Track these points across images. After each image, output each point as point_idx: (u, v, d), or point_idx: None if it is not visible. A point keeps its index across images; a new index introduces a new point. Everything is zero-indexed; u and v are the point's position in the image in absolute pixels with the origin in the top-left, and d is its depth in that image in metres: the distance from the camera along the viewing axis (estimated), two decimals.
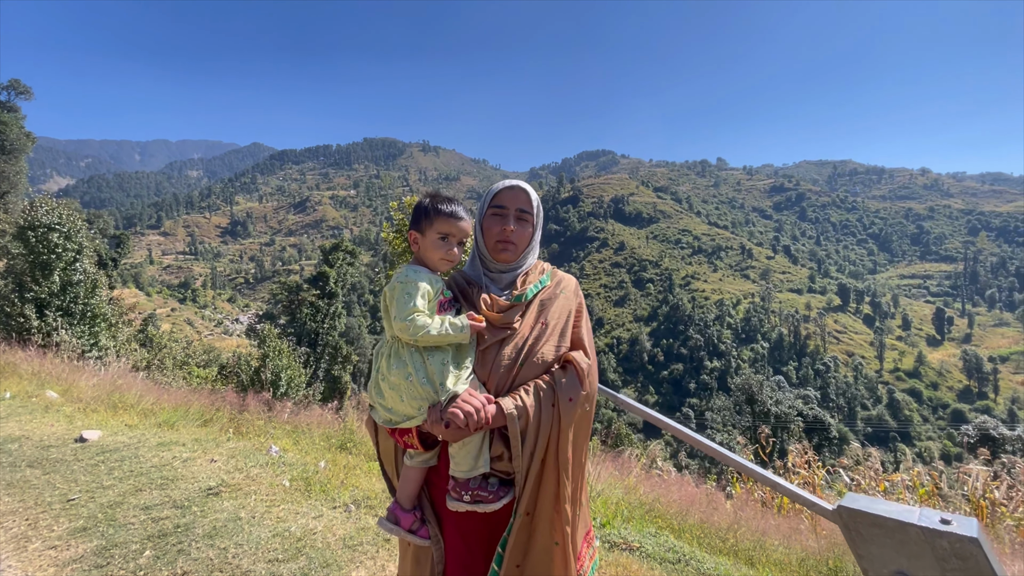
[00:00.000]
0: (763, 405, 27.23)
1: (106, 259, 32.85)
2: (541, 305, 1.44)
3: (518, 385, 1.32)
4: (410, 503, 1.40)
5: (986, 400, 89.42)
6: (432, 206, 1.40)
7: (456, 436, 1.23)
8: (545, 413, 1.28)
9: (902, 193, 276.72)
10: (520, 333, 1.38)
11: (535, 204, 1.47)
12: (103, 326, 13.29)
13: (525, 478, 1.27)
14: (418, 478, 1.39)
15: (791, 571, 3.40)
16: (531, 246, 1.49)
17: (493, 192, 1.47)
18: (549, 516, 1.30)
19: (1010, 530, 4.41)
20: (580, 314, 1.48)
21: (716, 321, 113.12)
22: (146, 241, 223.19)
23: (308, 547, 2.81)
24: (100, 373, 8.56)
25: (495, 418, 1.25)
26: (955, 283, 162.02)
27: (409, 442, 1.34)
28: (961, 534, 0.96)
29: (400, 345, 1.33)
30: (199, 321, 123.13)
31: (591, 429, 1.43)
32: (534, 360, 1.34)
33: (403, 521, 1.38)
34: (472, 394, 1.25)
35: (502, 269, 1.47)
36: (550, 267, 1.56)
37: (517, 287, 1.44)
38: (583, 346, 1.42)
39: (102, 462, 4.06)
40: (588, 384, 1.36)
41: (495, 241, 1.43)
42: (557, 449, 1.29)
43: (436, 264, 1.42)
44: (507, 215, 1.43)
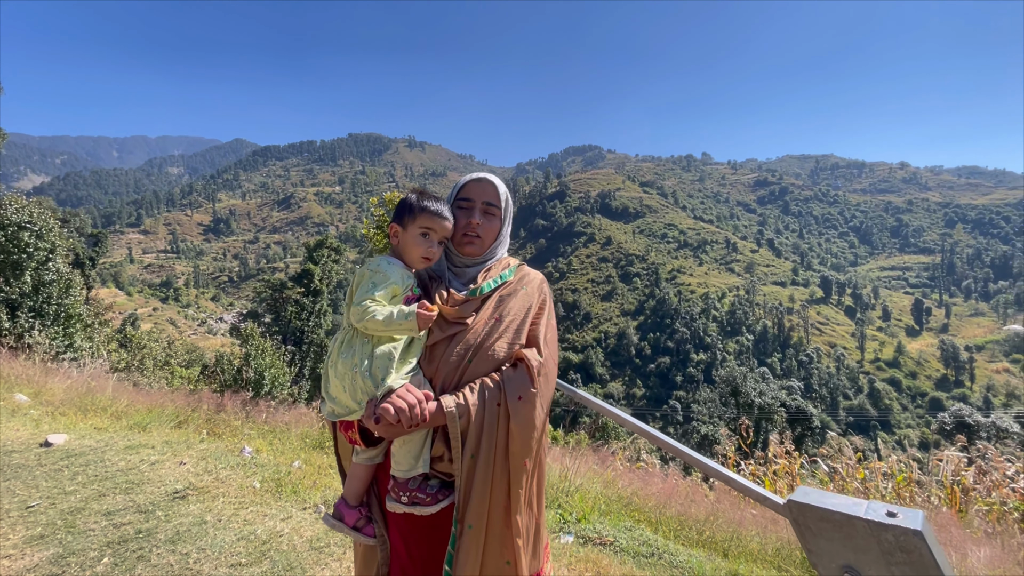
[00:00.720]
0: (747, 397, 27.58)
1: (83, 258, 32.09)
2: (499, 300, 1.38)
3: (466, 382, 1.26)
4: (356, 500, 1.36)
5: (963, 388, 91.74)
6: (418, 202, 1.37)
7: (389, 432, 1.17)
8: (489, 413, 1.21)
9: (882, 187, 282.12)
10: (473, 328, 1.32)
11: (503, 197, 1.42)
12: (78, 327, 12.97)
13: (466, 482, 1.19)
14: (364, 475, 1.35)
15: (766, 561, 3.42)
16: (499, 240, 1.45)
17: (460, 185, 1.42)
18: (499, 530, 1.20)
19: (982, 515, 4.51)
20: (541, 311, 1.41)
21: (702, 314, 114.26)
22: (126, 240, 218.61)
23: (273, 550, 2.75)
24: (74, 375, 8.34)
25: (434, 416, 1.18)
26: (933, 274, 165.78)
27: (352, 437, 1.30)
28: (906, 527, 0.94)
29: (354, 334, 1.29)
30: (182, 320, 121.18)
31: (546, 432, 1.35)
32: (484, 356, 1.28)
33: (347, 518, 1.34)
34: (410, 390, 1.19)
35: (467, 263, 1.43)
36: (516, 262, 1.51)
37: (477, 281, 1.39)
38: (538, 344, 1.34)
39: (66, 467, 3.94)
40: (539, 383, 1.26)
41: (461, 234, 1.39)
42: (507, 452, 1.21)
43: (414, 260, 1.38)
44: (473, 208, 1.39)
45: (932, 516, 4.18)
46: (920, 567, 0.94)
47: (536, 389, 1.25)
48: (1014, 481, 4.82)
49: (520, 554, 1.22)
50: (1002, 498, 4.66)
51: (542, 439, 1.33)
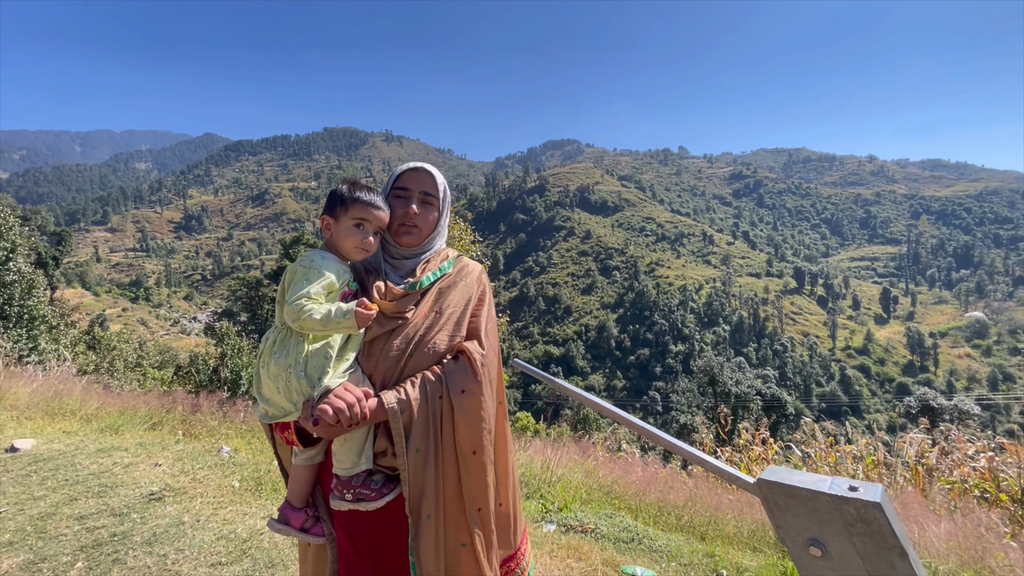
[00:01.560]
0: (724, 386, 28.22)
1: (46, 258, 30.92)
2: (439, 293, 1.36)
3: (407, 376, 1.25)
4: (301, 501, 1.33)
5: (927, 373, 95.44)
6: (350, 192, 1.32)
7: (328, 433, 1.14)
8: (432, 407, 1.21)
9: (851, 179, 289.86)
10: (412, 322, 1.30)
11: (441, 188, 1.40)
12: (43, 329, 12.52)
13: (413, 475, 1.20)
14: (307, 476, 1.32)
15: (741, 543, 3.53)
16: (437, 231, 1.42)
17: (396, 174, 1.38)
18: (455, 516, 1.23)
19: (944, 493, 4.73)
20: (482, 302, 1.40)
21: (680, 306, 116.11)
22: (91, 238, 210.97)
23: (254, 548, 2.73)
24: (39, 378, 8.06)
25: (375, 413, 1.17)
26: (900, 264, 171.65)
27: (290, 438, 1.26)
28: (865, 499, 0.99)
29: (288, 333, 1.24)
30: (153, 321, 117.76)
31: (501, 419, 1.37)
32: (425, 351, 1.27)
33: (293, 520, 1.31)
34: (348, 388, 1.17)
35: (404, 255, 1.39)
36: (455, 253, 1.48)
37: (415, 275, 1.36)
38: (479, 336, 1.34)
39: (34, 472, 3.82)
40: (482, 374, 1.27)
41: (397, 224, 1.35)
42: (454, 444, 1.23)
43: (349, 252, 1.32)
44: (410, 198, 1.35)
45: (897, 495, 4.37)
46: (879, 536, 0.99)
47: (480, 381, 1.26)
48: (974, 460, 5.05)
49: (475, 536, 1.25)
50: (963, 476, 4.90)
51: (499, 427, 1.35)
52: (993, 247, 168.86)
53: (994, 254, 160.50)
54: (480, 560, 1.25)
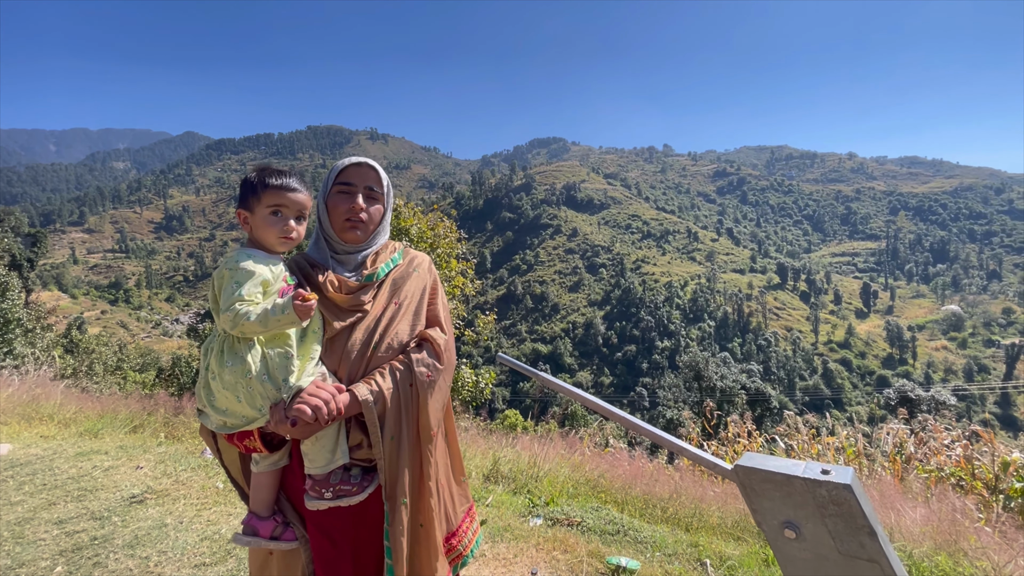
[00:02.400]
0: (709, 381, 28.54)
1: (20, 259, 30.13)
2: (394, 284, 1.38)
3: (373, 369, 1.26)
4: (268, 509, 1.27)
5: (906, 366, 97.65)
6: (259, 179, 1.23)
7: (306, 433, 1.14)
8: (404, 394, 1.23)
9: (832, 176, 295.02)
10: (372, 314, 1.31)
11: (385, 183, 1.39)
12: (18, 332, 12.21)
13: (390, 463, 1.21)
14: (271, 482, 1.27)
15: (725, 533, 3.59)
16: (382, 226, 1.41)
17: (338, 168, 1.36)
18: (415, 498, 1.26)
19: (921, 481, 4.86)
20: (435, 291, 1.43)
21: (666, 303, 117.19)
22: (68, 239, 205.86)
23: (239, 548, 2.70)
24: (15, 383, 7.86)
25: (349, 407, 1.17)
26: (879, 259, 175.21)
27: (251, 446, 1.21)
28: (837, 482, 1.03)
29: (234, 339, 1.18)
30: (134, 323, 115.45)
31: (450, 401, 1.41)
32: (389, 342, 1.29)
33: (262, 530, 1.25)
34: (319, 385, 1.16)
35: (350, 250, 1.37)
36: (401, 246, 1.49)
37: (367, 267, 1.36)
38: (439, 322, 1.38)
39: (11, 477, 3.74)
40: (445, 359, 1.32)
41: (343, 219, 1.32)
42: (418, 427, 1.26)
43: (273, 244, 1.25)
44: (355, 193, 1.33)
45: (876, 483, 4.48)
46: (849, 516, 1.03)
47: (443, 366, 1.31)
48: (950, 449, 5.19)
49: (432, 515, 1.28)
50: (939, 465, 5.04)
51: (447, 408, 1.39)
52: (968, 242, 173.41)
53: (969, 249, 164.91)
54: (434, 538, 1.28)
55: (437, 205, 8.45)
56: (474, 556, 1.52)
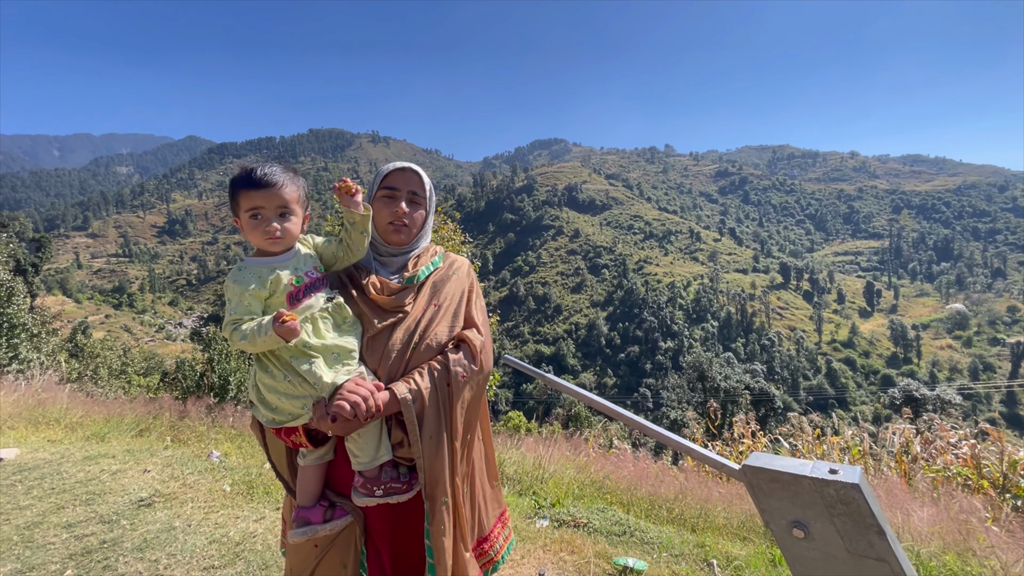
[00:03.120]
0: (713, 381, 28.49)
1: (25, 264, 30.28)
2: (434, 287, 1.41)
3: (412, 367, 1.29)
4: (313, 500, 1.30)
5: (911, 365, 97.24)
6: (233, 183, 1.20)
7: (346, 429, 1.17)
8: (441, 393, 1.26)
9: (834, 175, 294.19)
10: (413, 316, 1.35)
11: (428, 187, 1.43)
12: (23, 337, 12.26)
13: (429, 461, 1.24)
14: (316, 475, 1.30)
15: (731, 533, 3.59)
16: (424, 229, 1.46)
17: (383, 173, 1.41)
18: (457, 500, 1.29)
19: (927, 480, 4.84)
20: (473, 294, 1.47)
21: (668, 303, 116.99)
22: (72, 244, 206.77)
23: (247, 551, 2.72)
24: (21, 387, 7.90)
25: (388, 405, 1.20)
26: (882, 258, 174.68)
27: (297, 441, 1.24)
28: (845, 481, 1.04)
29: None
30: (138, 327, 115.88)
31: (485, 404, 1.44)
32: (428, 342, 1.32)
33: (314, 517, 1.27)
34: (358, 383, 1.18)
35: (393, 252, 1.43)
36: (442, 249, 1.54)
37: (409, 270, 1.41)
38: (476, 324, 1.41)
39: (19, 481, 3.76)
40: (480, 361, 1.35)
41: (387, 223, 1.38)
42: (453, 427, 1.29)
43: (263, 247, 1.25)
44: (399, 197, 1.38)
45: (882, 483, 4.47)
46: (858, 515, 1.05)
47: (479, 367, 1.34)
48: (957, 448, 5.16)
49: (464, 517, 1.31)
50: (946, 464, 5.02)
51: (483, 411, 1.41)
52: (972, 240, 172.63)
53: (973, 247, 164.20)
54: (465, 540, 1.32)
55: (441, 207, 8.47)
56: (505, 562, 1.50)
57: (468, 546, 1.33)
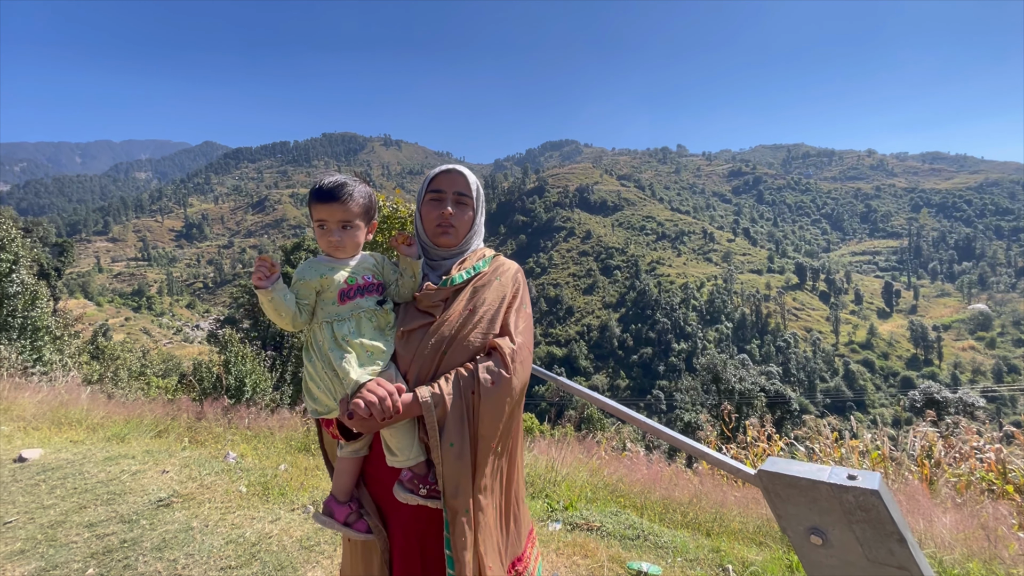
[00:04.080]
0: (728, 383, 28.12)
1: (48, 269, 31.02)
2: (473, 291, 1.40)
3: (442, 372, 1.28)
4: (345, 496, 1.34)
5: (932, 367, 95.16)
6: (309, 195, 1.33)
7: (364, 427, 1.17)
8: (465, 401, 1.24)
9: (851, 174, 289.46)
10: (447, 319, 1.34)
11: (474, 187, 1.43)
12: (47, 339, 12.57)
13: (448, 469, 1.23)
14: (351, 469, 1.34)
15: (747, 538, 3.54)
16: (473, 230, 1.46)
17: (430, 177, 1.42)
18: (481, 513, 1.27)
19: (950, 485, 4.72)
20: (515, 300, 1.43)
21: (682, 304, 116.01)
22: (93, 248, 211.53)
23: (263, 551, 2.75)
24: (44, 389, 8.09)
25: (409, 407, 1.19)
26: (901, 258, 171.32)
27: (334, 432, 1.31)
28: (864, 487, 1.02)
29: (310, 338, 1.31)
30: (156, 329, 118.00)
31: (520, 417, 1.39)
32: (460, 347, 1.31)
33: (337, 514, 1.32)
34: (380, 383, 1.18)
35: (443, 255, 1.44)
36: (491, 253, 1.52)
37: (451, 273, 1.40)
38: (510, 332, 1.37)
39: (43, 481, 3.85)
40: (512, 369, 1.29)
41: (434, 225, 1.40)
42: (475, 437, 1.26)
43: (329, 252, 1.36)
44: (445, 199, 1.39)
45: (902, 488, 4.37)
46: (878, 523, 1.03)
47: (508, 376, 1.28)
48: (981, 452, 5.04)
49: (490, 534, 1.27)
50: (970, 469, 4.89)
51: (513, 423, 1.35)
52: (995, 239, 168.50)
53: (996, 246, 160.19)
54: (500, 558, 1.28)
55: None
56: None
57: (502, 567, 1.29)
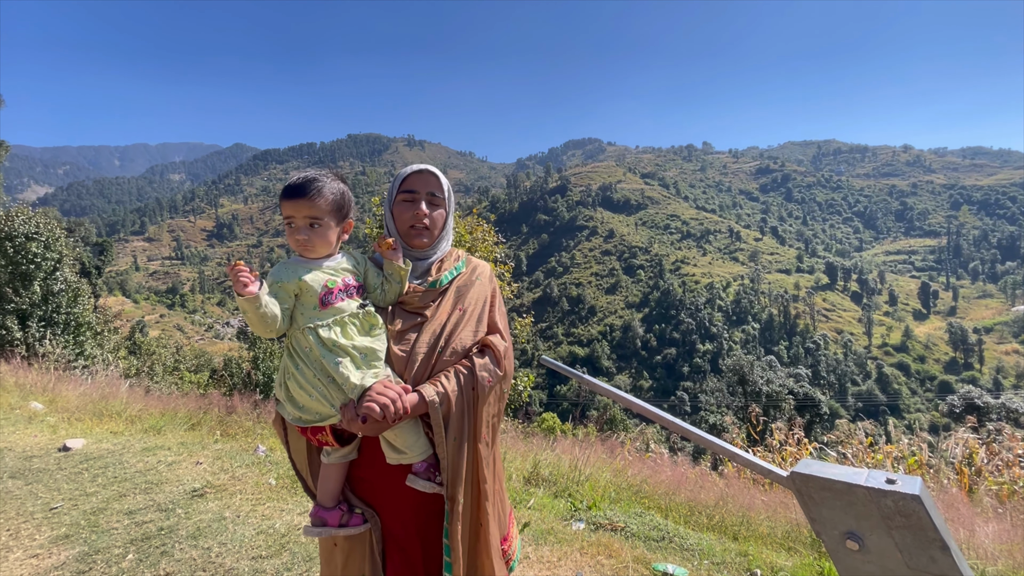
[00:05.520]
0: (754, 385, 27.54)
1: (89, 267, 32.38)
2: (458, 291, 1.43)
3: (437, 372, 1.31)
4: (333, 500, 1.31)
5: (972, 371, 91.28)
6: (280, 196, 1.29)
7: (375, 430, 1.20)
8: (466, 397, 1.29)
9: (886, 170, 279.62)
10: (438, 320, 1.37)
11: (446, 188, 1.43)
12: (88, 335, 13.11)
13: (452, 463, 1.27)
14: (338, 474, 1.32)
15: (775, 543, 3.46)
16: (445, 231, 1.46)
17: (401, 177, 1.41)
18: (476, 499, 1.32)
19: (992, 494, 4.53)
20: (495, 299, 1.49)
21: (707, 304, 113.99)
22: (130, 247, 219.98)
23: (292, 543, 2.82)
24: (87, 382, 8.46)
25: (416, 407, 1.22)
26: (939, 257, 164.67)
27: (323, 440, 1.27)
28: (904, 492, 0.99)
29: (294, 340, 1.26)
30: (189, 326, 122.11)
31: (504, 409, 1.45)
32: (453, 346, 1.34)
33: (330, 520, 1.29)
34: (387, 385, 1.21)
35: (417, 256, 1.44)
36: (465, 254, 1.55)
37: (432, 274, 1.43)
38: (499, 330, 1.44)
39: (86, 470, 4.03)
40: (504, 366, 1.38)
41: (408, 227, 1.39)
42: (475, 431, 1.31)
43: (299, 252, 1.30)
44: (418, 199, 1.38)
45: (940, 495, 4.21)
46: (919, 529, 0.99)
47: (503, 372, 1.38)
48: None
49: (488, 518, 1.34)
50: (1013, 477, 4.68)
51: (500, 414, 1.43)
52: None
53: None
54: (491, 540, 1.34)
55: (476, 209, 8.53)
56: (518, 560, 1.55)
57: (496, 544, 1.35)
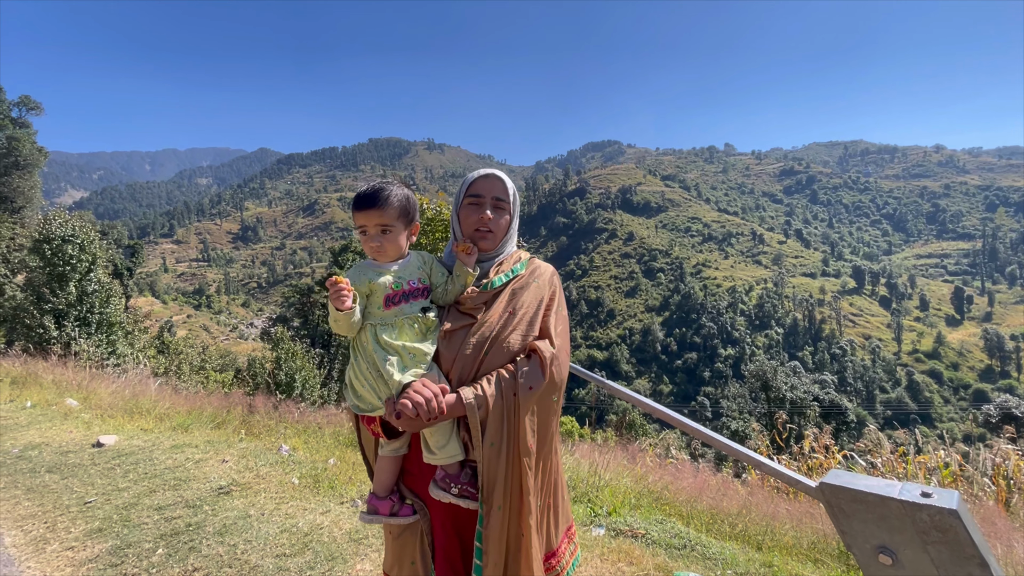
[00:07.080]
0: (778, 391, 26.96)
1: (121, 269, 33.47)
2: (512, 294, 1.43)
3: (483, 373, 1.31)
4: (386, 491, 1.39)
5: (1009, 379, 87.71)
6: (352, 205, 1.36)
7: (411, 426, 1.21)
8: (506, 403, 1.27)
9: (916, 171, 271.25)
10: (487, 322, 1.37)
11: (511, 192, 1.46)
12: (120, 334, 13.54)
13: (488, 468, 1.26)
14: (392, 467, 1.38)
15: (801, 554, 3.38)
16: (509, 234, 1.49)
17: (468, 181, 1.45)
18: (516, 508, 1.29)
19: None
20: (552, 302, 1.46)
21: (729, 308, 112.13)
22: (160, 250, 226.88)
23: (315, 541, 2.87)
24: (118, 380, 8.74)
25: (453, 408, 1.23)
26: (973, 261, 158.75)
27: (375, 430, 1.34)
28: (941, 506, 0.95)
29: (357, 336, 1.34)
30: (214, 326, 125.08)
31: (557, 418, 1.41)
32: (500, 349, 1.33)
33: (382, 509, 1.37)
34: (426, 384, 1.23)
35: (480, 259, 1.46)
36: (527, 255, 1.55)
37: (489, 276, 1.44)
38: (550, 335, 1.39)
39: (118, 465, 4.16)
40: (551, 373, 1.32)
41: (472, 230, 1.42)
42: (517, 439, 1.28)
43: (373, 257, 1.38)
44: (483, 203, 1.42)
45: (976, 509, 4.05)
46: (956, 545, 0.95)
47: (547, 379, 1.31)
48: None
49: (531, 530, 1.31)
50: None
51: (551, 423, 1.38)
52: None
53: None
54: (531, 551, 1.30)
55: None
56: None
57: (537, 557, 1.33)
